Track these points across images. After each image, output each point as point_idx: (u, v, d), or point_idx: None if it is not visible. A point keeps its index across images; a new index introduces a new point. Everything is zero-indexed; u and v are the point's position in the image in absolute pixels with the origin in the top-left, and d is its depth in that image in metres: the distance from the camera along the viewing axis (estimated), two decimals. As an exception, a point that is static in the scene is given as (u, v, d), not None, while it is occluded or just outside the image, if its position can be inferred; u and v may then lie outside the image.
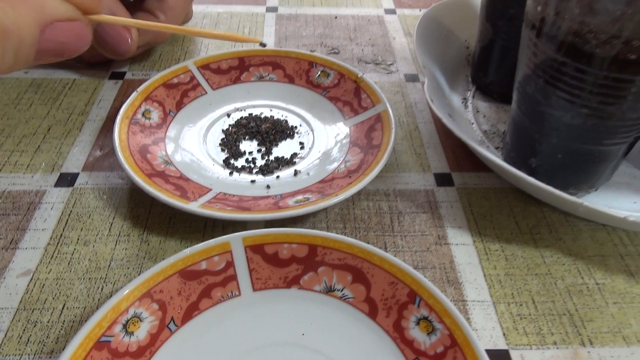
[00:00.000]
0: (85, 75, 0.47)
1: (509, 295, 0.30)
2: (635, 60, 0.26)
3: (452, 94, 0.45)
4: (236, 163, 0.37)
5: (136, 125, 0.36)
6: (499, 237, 0.34)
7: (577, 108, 0.30)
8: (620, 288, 0.31)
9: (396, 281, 0.27)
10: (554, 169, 0.34)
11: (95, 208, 0.34)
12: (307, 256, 0.28)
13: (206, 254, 0.27)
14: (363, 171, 0.34)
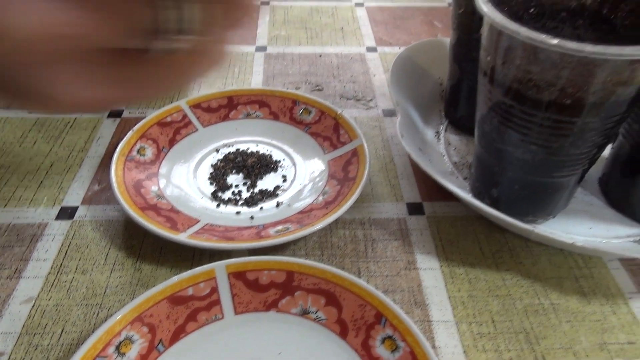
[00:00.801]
0: (86, 113, 0.50)
1: (471, 316, 0.33)
2: (571, 105, 0.29)
3: (426, 127, 0.49)
4: (223, 196, 0.40)
5: (131, 162, 0.40)
6: (464, 261, 0.37)
7: (526, 145, 0.33)
8: (574, 308, 0.34)
9: (365, 303, 0.30)
10: (513, 199, 0.37)
11: (93, 239, 0.37)
12: (285, 281, 0.31)
13: (192, 280, 0.30)
14: (339, 202, 0.37)
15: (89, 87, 0.15)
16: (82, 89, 0.15)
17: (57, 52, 0.14)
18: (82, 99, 0.15)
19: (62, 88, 0.15)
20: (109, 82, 0.15)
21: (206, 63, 0.17)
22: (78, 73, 0.15)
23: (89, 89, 0.15)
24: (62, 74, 0.14)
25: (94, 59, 0.15)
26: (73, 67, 0.14)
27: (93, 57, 0.15)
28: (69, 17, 0.13)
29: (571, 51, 0.26)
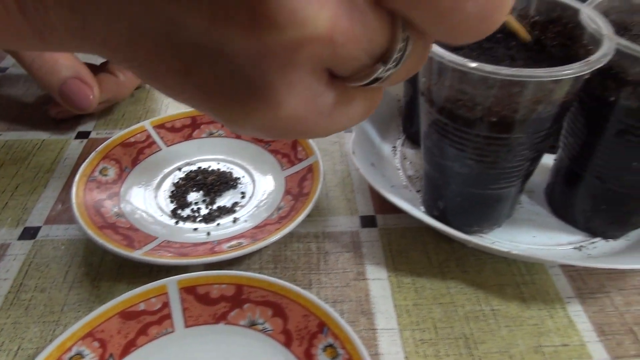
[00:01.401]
0: (55, 135, 0.52)
1: (414, 323, 0.34)
2: (498, 122, 0.31)
3: (383, 142, 0.51)
4: (182, 213, 0.41)
5: (93, 182, 0.41)
6: (411, 271, 0.38)
7: (463, 160, 0.35)
8: (513, 313, 0.35)
9: (309, 314, 0.31)
10: (457, 210, 0.39)
11: (54, 258, 0.38)
12: (234, 295, 0.33)
13: (144, 296, 0.32)
14: (291, 217, 0.38)
15: (305, 104, 0.14)
16: (301, 102, 0.14)
17: (315, 56, 0.13)
18: (295, 115, 0.14)
19: (290, 95, 0.13)
20: (316, 107, 0.14)
21: (372, 106, 0.16)
22: (306, 81, 0.13)
23: (304, 105, 0.14)
24: (298, 80, 0.13)
25: (321, 74, 0.14)
26: (308, 73, 0.13)
27: (321, 72, 0.14)
28: (344, 25, 0.12)
29: (489, 74, 0.28)
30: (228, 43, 0.12)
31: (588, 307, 0.36)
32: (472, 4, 0.12)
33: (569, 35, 0.35)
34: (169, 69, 0.13)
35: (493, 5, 0.13)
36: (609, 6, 0.38)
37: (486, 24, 0.13)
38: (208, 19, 0.12)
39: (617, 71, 0.33)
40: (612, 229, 0.40)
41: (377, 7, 0.13)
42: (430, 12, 0.12)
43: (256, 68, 0.13)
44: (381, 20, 0.13)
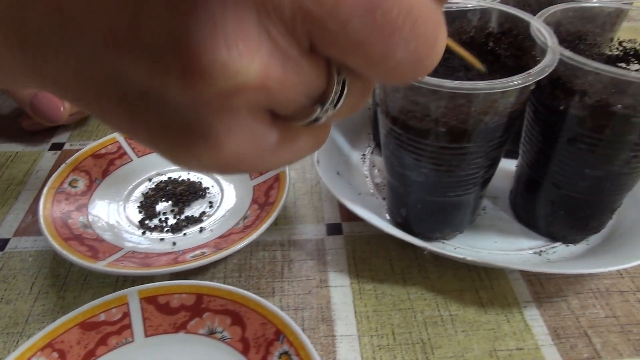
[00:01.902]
0: (29, 147, 0.52)
1: (373, 329, 0.35)
2: (447, 132, 0.32)
3: (353, 150, 0.51)
4: (150, 223, 0.42)
5: (62, 194, 0.42)
6: (373, 278, 0.39)
7: (419, 168, 0.36)
8: (470, 318, 0.36)
9: (266, 322, 0.32)
10: (419, 217, 0.40)
11: (21, 270, 0.39)
12: (194, 304, 0.33)
13: (105, 307, 0.32)
14: (255, 226, 0.39)
15: (247, 144, 0.14)
16: (243, 143, 0.14)
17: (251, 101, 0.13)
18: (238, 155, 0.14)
19: (230, 137, 0.14)
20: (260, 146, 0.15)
21: (319, 142, 0.17)
22: (246, 124, 0.14)
23: (247, 145, 0.14)
24: (237, 125, 0.14)
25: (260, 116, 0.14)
26: (247, 117, 0.14)
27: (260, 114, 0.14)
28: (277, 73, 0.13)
29: (434, 87, 0.29)
30: (167, 91, 0.13)
31: (544, 311, 0.37)
32: (402, 52, 0.13)
33: (520, 47, 0.36)
34: (116, 111, 0.14)
35: (424, 51, 0.13)
36: (563, 16, 0.39)
37: (418, 69, 0.14)
38: (146, 69, 0.12)
39: (564, 81, 0.34)
40: (571, 233, 0.41)
41: (313, 54, 0.13)
42: (362, 60, 0.13)
43: (196, 114, 0.13)
44: (317, 66, 0.14)
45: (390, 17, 0.12)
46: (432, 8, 0.13)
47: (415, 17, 0.13)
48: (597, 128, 0.34)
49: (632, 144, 0.34)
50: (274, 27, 0.12)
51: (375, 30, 0.12)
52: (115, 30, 0.12)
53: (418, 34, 0.13)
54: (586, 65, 0.31)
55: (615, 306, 0.37)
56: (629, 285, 0.39)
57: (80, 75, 0.13)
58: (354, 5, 0.12)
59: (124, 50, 0.12)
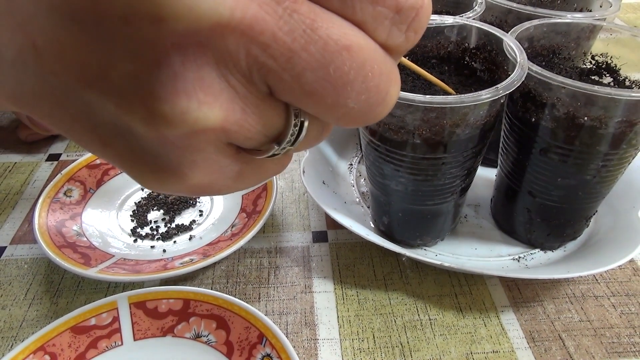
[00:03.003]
0: (27, 157, 0.54)
1: (355, 333, 0.36)
2: (421, 144, 0.34)
3: (340, 160, 0.53)
4: (142, 231, 0.43)
5: (57, 203, 0.43)
6: (357, 284, 0.40)
7: (397, 178, 0.37)
8: (449, 322, 0.37)
9: (250, 326, 0.33)
10: (400, 225, 0.41)
11: (16, 276, 0.40)
12: (181, 309, 0.35)
13: (95, 311, 0.34)
14: (242, 234, 0.40)
15: (212, 174, 0.16)
16: (208, 174, 0.16)
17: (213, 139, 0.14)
18: (202, 184, 0.16)
19: (195, 170, 0.15)
20: (225, 174, 0.16)
21: (282, 166, 0.18)
22: (210, 158, 0.15)
23: (212, 175, 0.16)
24: (201, 159, 0.15)
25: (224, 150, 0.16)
26: (210, 152, 0.15)
27: (223, 149, 0.15)
28: (237, 117, 0.14)
29: (406, 101, 0.31)
30: (134, 128, 0.14)
31: (521, 316, 0.38)
32: (353, 102, 0.14)
33: (494, 61, 0.37)
34: (90, 138, 0.15)
35: (375, 102, 0.14)
36: (537, 31, 0.41)
37: (369, 116, 0.15)
38: (115, 108, 0.14)
39: (534, 95, 0.35)
40: (549, 240, 0.43)
41: (271, 98, 0.14)
42: (315, 106, 0.14)
43: (162, 149, 0.15)
44: (275, 109, 0.15)
45: (343, 71, 0.13)
46: (386, 62, 0.14)
47: (366, 72, 0.14)
48: (567, 139, 0.35)
49: (602, 154, 0.35)
50: (232, 76, 0.13)
51: (328, 83, 0.13)
52: (85, 70, 0.13)
53: (369, 86, 0.14)
54: (553, 80, 0.33)
55: (589, 310, 0.39)
56: (604, 290, 0.40)
57: (55, 106, 0.14)
58: (307, 60, 0.13)
59: (94, 89, 0.13)
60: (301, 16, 0.13)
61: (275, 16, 0.12)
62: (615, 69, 0.41)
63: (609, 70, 0.41)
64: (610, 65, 0.41)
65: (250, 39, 0.12)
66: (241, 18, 0.12)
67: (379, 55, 0.14)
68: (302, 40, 0.13)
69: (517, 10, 0.44)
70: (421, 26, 0.14)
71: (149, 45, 0.12)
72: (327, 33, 0.13)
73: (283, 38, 0.13)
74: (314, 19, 0.13)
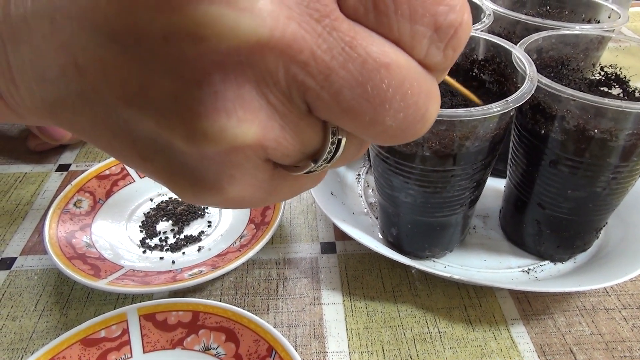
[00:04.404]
0: (37, 167, 0.54)
1: (364, 346, 0.36)
2: (431, 156, 0.34)
3: (348, 170, 0.53)
4: (151, 242, 0.44)
5: (67, 214, 0.44)
6: (365, 295, 0.40)
7: (406, 190, 0.37)
8: (458, 335, 0.37)
9: (259, 339, 0.33)
10: (409, 236, 0.41)
11: (27, 287, 0.40)
12: (190, 321, 0.35)
13: (105, 324, 0.34)
14: (251, 245, 0.41)
15: (250, 188, 0.16)
16: (245, 188, 0.16)
17: (251, 156, 0.14)
18: (240, 197, 0.16)
19: (233, 184, 0.15)
20: (262, 189, 0.16)
21: (317, 181, 0.19)
22: (248, 173, 0.15)
23: (249, 189, 0.16)
24: (240, 174, 0.15)
25: (261, 166, 0.16)
26: (248, 168, 0.15)
27: (261, 165, 0.15)
28: (275, 134, 0.14)
29: (416, 114, 0.31)
30: (174, 144, 0.14)
31: (531, 329, 0.38)
32: (391, 120, 0.14)
33: (502, 74, 0.37)
34: (129, 153, 0.16)
35: (413, 120, 0.14)
36: (545, 43, 0.41)
37: (408, 134, 0.15)
38: (155, 125, 0.14)
39: (544, 107, 0.35)
40: (558, 252, 0.42)
41: (309, 116, 0.15)
42: (352, 124, 0.14)
43: (201, 164, 0.15)
44: (313, 127, 0.15)
45: (381, 89, 0.13)
46: (425, 79, 0.14)
47: (405, 90, 0.13)
48: (577, 151, 0.35)
49: (612, 166, 0.35)
50: (272, 95, 0.13)
51: (366, 100, 0.13)
52: (126, 88, 0.13)
53: (408, 104, 0.14)
54: (562, 93, 0.32)
55: (600, 323, 0.38)
56: (615, 302, 0.40)
57: (95, 122, 0.15)
58: (345, 77, 0.13)
59: (135, 107, 0.13)
60: (340, 34, 0.13)
61: (314, 34, 0.12)
62: (625, 80, 0.41)
63: (618, 81, 0.41)
64: (619, 77, 0.41)
65: (289, 57, 0.12)
66: (280, 37, 0.12)
67: (417, 73, 0.14)
68: (341, 58, 0.13)
69: (525, 21, 0.44)
70: (460, 44, 0.14)
71: (190, 64, 0.12)
72: (366, 51, 0.13)
73: (322, 56, 0.13)
74: (353, 36, 0.13)
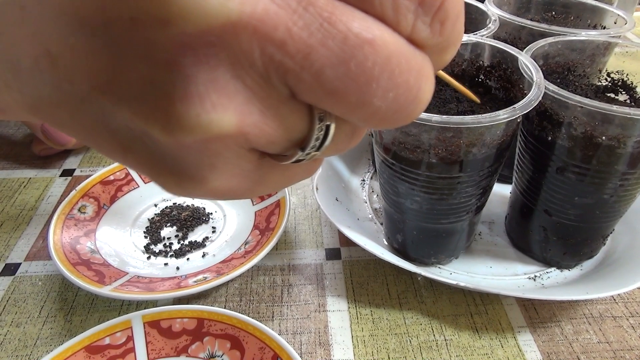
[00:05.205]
0: (41, 172, 0.54)
1: (370, 354, 0.36)
2: (437, 163, 0.34)
3: (353, 176, 0.53)
4: (155, 248, 0.43)
5: (71, 220, 0.44)
6: (371, 302, 0.40)
7: (412, 197, 0.37)
8: (465, 343, 0.37)
9: (264, 346, 0.33)
10: (414, 243, 0.41)
11: (31, 293, 0.40)
12: (195, 328, 0.35)
13: (109, 331, 0.34)
14: (256, 252, 0.40)
15: (234, 178, 0.15)
16: (229, 178, 0.15)
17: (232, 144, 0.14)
18: (224, 188, 0.15)
19: (215, 173, 0.15)
20: (249, 179, 0.16)
21: (310, 171, 0.18)
22: (231, 162, 0.15)
23: (233, 179, 0.15)
24: (221, 164, 0.14)
25: (245, 155, 0.15)
26: (231, 157, 0.14)
27: (245, 154, 0.15)
28: (255, 120, 0.13)
29: (422, 121, 0.31)
30: (150, 132, 0.14)
31: (538, 336, 0.37)
32: (380, 100, 0.13)
33: (509, 80, 0.37)
34: (110, 145, 0.15)
35: (405, 100, 0.13)
36: (552, 49, 0.40)
37: (400, 116, 0.14)
38: (130, 115, 0.13)
39: (551, 113, 0.35)
40: (565, 259, 0.42)
41: (292, 100, 0.14)
42: (339, 107, 0.13)
43: (181, 154, 0.14)
44: (297, 112, 0.14)
45: (365, 67, 0.12)
46: (415, 57, 0.13)
47: (392, 68, 0.13)
48: (584, 158, 0.35)
49: (620, 173, 0.35)
50: (249, 77, 0.12)
51: (350, 80, 0.12)
52: (98, 76, 0.13)
53: (397, 83, 0.13)
54: (570, 99, 0.32)
55: (608, 331, 0.38)
56: (623, 310, 0.40)
57: (73, 113, 0.14)
58: (326, 55, 0.12)
59: (108, 95, 0.13)
60: (318, 9, 0.12)
61: (289, 10, 0.12)
62: (632, 86, 0.40)
63: (625, 87, 0.41)
64: (626, 83, 0.41)
65: (263, 35, 0.12)
66: (251, 13, 0.11)
67: (405, 49, 0.13)
68: (320, 35, 0.12)
69: (530, 27, 0.44)
70: (448, 16, 0.13)
71: (159, 48, 0.12)
72: (346, 26, 0.12)
73: (299, 33, 0.12)
74: (331, 12, 0.12)
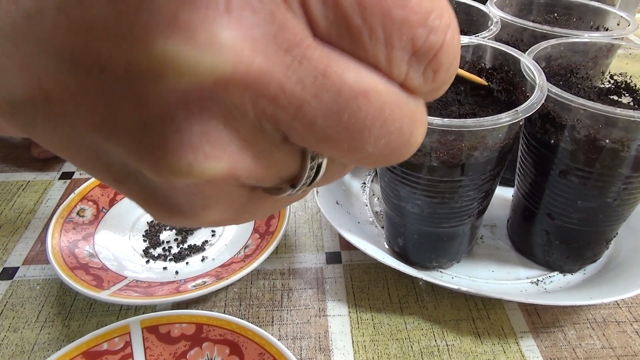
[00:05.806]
0: (40, 175, 0.54)
1: (370, 359, 0.36)
2: (439, 166, 0.33)
3: (353, 179, 0.53)
4: (154, 252, 0.43)
5: (70, 224, 0.43)
6: (371, 307, 0.40)
7: (413, 200, 0.37)
8: (467, 348, 0.36)
9: (264, 352, 0.33)
10: (415, 247, 0.41)
11: (29, 298, 0.40)
12: (194, 333, 0.34)
13: (107, 336, 0.33)
14: (255, 256, 0.40)
15: (226, 212, 0.16)
16: (221, 212, 0.16)
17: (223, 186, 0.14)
18: (217, 221, 0.16)
19: (208, 211, 0.15)
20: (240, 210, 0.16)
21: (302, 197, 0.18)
22: (223, 200, 0.15)
23: (225, 213, 0.16)
24: (214, 202, 0.15)
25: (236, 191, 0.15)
26: (222, 196, 0.15)
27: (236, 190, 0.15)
28: (247, 164, 0.14)
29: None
30: (144, 174, 0.14)
31: (541, 342, 0.37)
32: (372, 147, 0.13)
33: (511, 82, 0.37)
34: (103, 175, 0.15)
35: (396, 145, 0.13)
36: (554, 50, 0.40)
37: (392, 159, 0.14)
38: (124, 154, 0.13)
39: (554, 116, 0.35)
40: (568, 263, 0.42)
41: (285, 143, 0.14)
42: (332, 152, 0.13)
43: (172, 193, 0.14)
44: (290, 154, 0.14)
45: (359, 117, 0.12)
46: (408, 103, 0.13)
47: (385, 117, 0.13)
48: (588, 161, 0.34)
49: (623, 176, 0.34)
50: (242, 127, 0.13)
51: (342, 129, 0.13)
52: (93, 115, 0.13)
53: (389, 130, 0.13)
54: (573, 102, 0.32)
55: (611, 337, 0.37)
56: (626, 315, 0.39)
57: (68, 144, 0.14)
58: (318, 108, 0.12)
59: (102, 134, 0.13)
60: (313, 62, 0.12)
61: (283, 66, 0.12)
62: (635, 88, 0.40)
63: (629, 89, 0.40)
64: (629, 85, 0.40)
65: (255, 92, 0.12)
66: (245, 72, 0.11)
67: (399, 97, 0.13)
68: (314, 88, 0.12)
69: (532, 29, 0.43)
70: (441, 65, 0.13)
71: (152, 101, 0.12)
72: (340, 78, 0.12)
73: (292, 88, 0.12)
74: (326, 64, 0.12)
